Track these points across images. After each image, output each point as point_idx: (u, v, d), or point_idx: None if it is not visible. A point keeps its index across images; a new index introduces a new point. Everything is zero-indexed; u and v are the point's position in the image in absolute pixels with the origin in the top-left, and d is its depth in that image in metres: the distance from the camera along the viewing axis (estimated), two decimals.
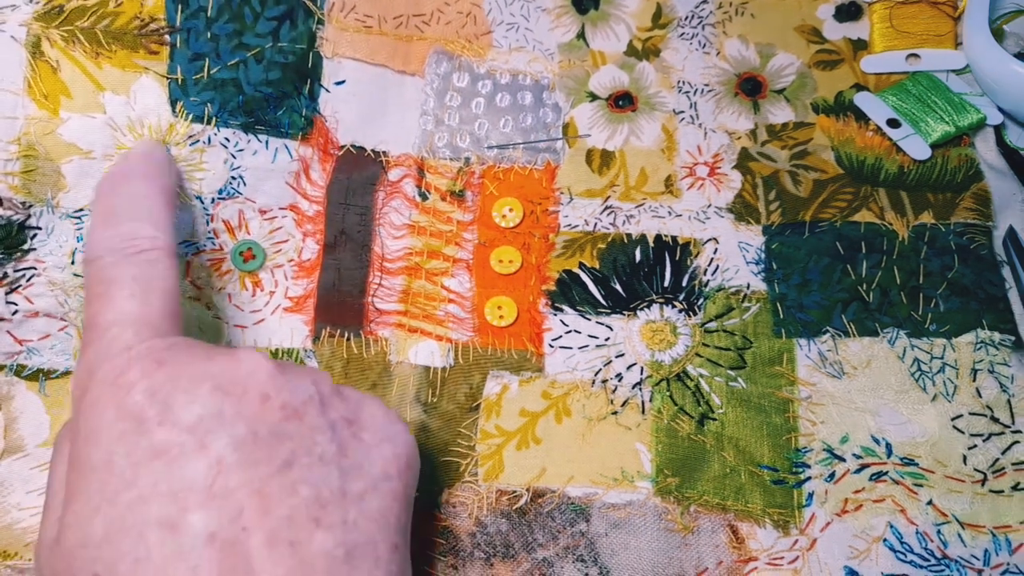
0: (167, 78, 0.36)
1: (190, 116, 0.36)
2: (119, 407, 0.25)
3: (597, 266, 0.39)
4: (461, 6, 0.43)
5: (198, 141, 0.37)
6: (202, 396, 0.25)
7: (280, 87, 0.38)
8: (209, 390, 0.26)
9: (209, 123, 0.37)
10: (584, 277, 0.39)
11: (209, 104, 0.37)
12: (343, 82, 0.40)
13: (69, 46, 0.35)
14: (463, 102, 0.42)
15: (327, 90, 0.40)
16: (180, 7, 0.37)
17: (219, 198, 0.37)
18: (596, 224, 0.40)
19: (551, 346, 0.38)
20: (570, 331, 0.38)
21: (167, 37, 0.36)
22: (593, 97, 0.43)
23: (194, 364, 0.26)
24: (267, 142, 0.38)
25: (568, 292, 0.39)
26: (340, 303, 0.38)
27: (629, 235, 0.40)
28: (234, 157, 0.37)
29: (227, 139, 0.37)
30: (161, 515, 0.24)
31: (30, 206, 0.35)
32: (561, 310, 0.38)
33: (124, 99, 0.35)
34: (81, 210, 0.35)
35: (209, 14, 0.37)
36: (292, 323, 0.38)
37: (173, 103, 0.36)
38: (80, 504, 0.25)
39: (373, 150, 0.40)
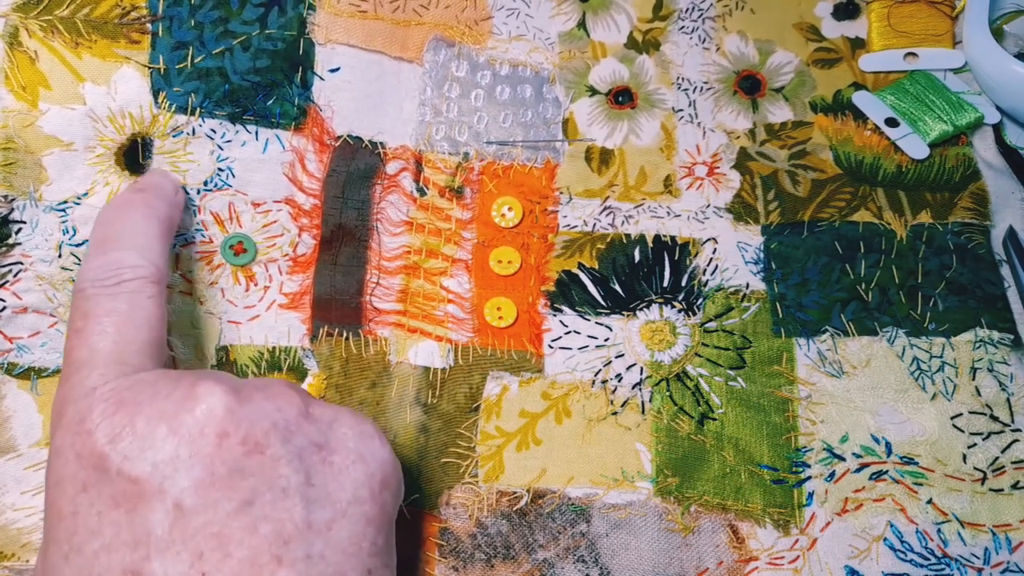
0: (149, 68, 0.35)
1: (173, 107, 0.36)
2: (79, 456, 0.26)
3: (596, 266, 0.39)
4: None
5: (182, 132, 0.36)
6: (158, 440, 0.25)
7: (269, 75, 0.37)
8: (165, 433, 0.25)
9: (193, 114, 0.36)
10: (583, 277, 0.39)
11: (193, 94, 0.36)
12: (338, 69, 0.39)
13: (48, 36, 0.34)
14: (462, 93, 0.41)
15: (321, 78, 0.39)
16: None
17: (205, 189, 0.37)
18: (595, 224, 0.40)
19: (551, 347, 0.37)
20: (569, 332, 0.38)
21: (149, 25, 0.35)
22: (593, 92, 0.42)
23: (152, 404, 0.26)
24: (256, 132, 0.37)
25: (567, 293, 0.38)
26: (338, 301, 0.38)
27: (628, 235, 0.39)
28: (221, 148, 0.37)
29: (213, 130, 0.36)
30: (124, 564, 0.24)
31: (12, 199, 0.34)
32: (560, 311, 0.38)
33: (105, 90, 0.35)
34: (65, 202, 0.35)
35: (193, 1, 0.36)
36: (289, 320, 0.37)
37: (155, 93, 0.36)
38: (53, 550, 0.26)
39: (370, 141, 0.39)
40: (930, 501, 0.34)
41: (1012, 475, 0.34)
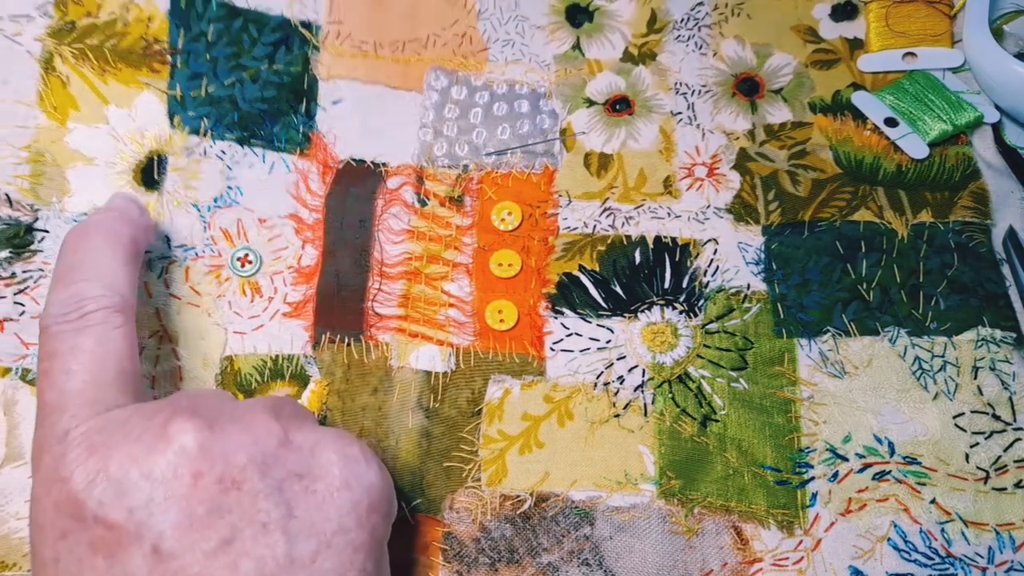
0: (166, 93, 0.39)
1: (187, 129, 0.39)
2: (56, 504, 0.25)
3: (597, 268, 0.39)
4: (457, 28, 0.44)
5: (194, 152, 0.38)
6: (132, 485, 0.25)
7: (275, 104, 0.40)
8: (138, 477, 0.25)
9: (205, 136, 0.39)
10: (584, 280, 0.39)
11: (205, 118, 0.39)
12: (340, 101, 0.41)
13: (79, 62, 0.38)
14: (461, 113, 0.42)
15: (324, 109, 0.41)
16: (182, 31, 0.39)
17: (215, 206, 0.38)
18: (595, 226, 0.40)
19: (552, 349, 0.37)
20: (571, 334, 0.38)
21: (169, 57, 0.39)
22: (590, 103, 0.43)
23: (124, 447, 0.26)
24: (263, 155, 0.40)
25: (568, 295, 0.39)
26: (340, 308, 0.38)
27: (628, 237, 0.39)
28: (230, 168, 0.39)
29: (223, 151, 0.39)
30: None
31: (37, 209, 0.36)
32: (562, 313, 0.38)
33: (127, 112, 0.38)
34: (84, 214, 0.37)
35: (209, 38, 0.40)
36: (292, 329, 0.38)
37: (171, 116, 0.39)
38: None
39: (372, 161, 0.41)
40: (933, 501, 0.34)
41: (1015, 474, 0.34)
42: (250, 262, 0.38)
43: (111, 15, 0.39)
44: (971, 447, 0.35)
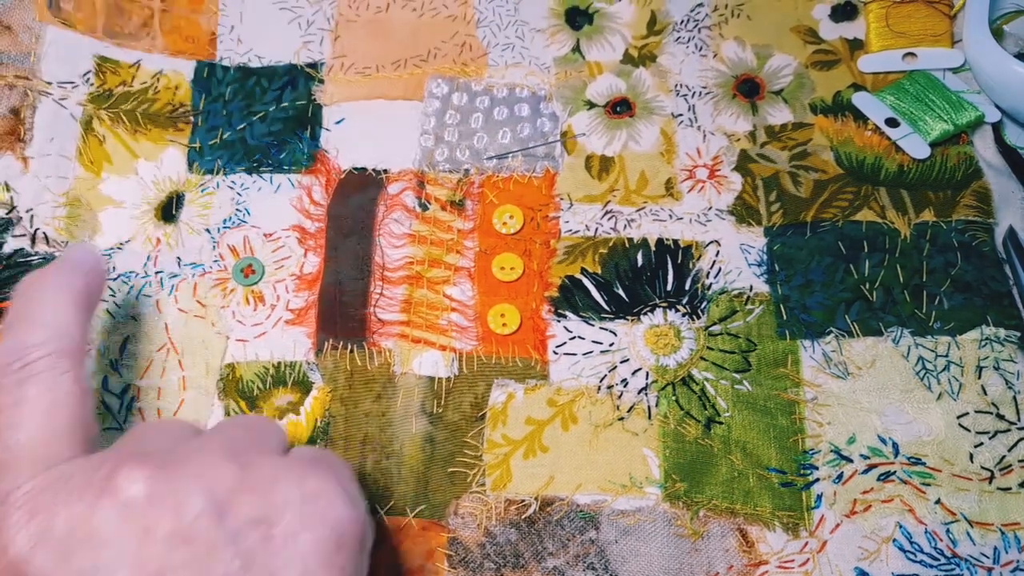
0: (188, 146, 0.42)
1: (203, 170, 0.42)
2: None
3: (599, 271, 0.39)
4: (457, 39, 0.44)
5: (207, 187, 0.42)
6: (77, 551, 0.24)
7: (281, 135, 0.43)
8: (83, 538, 0.24)
9: (218, 173, 0.42)
10: (586, 282, 0.39)
11: (219, 160, 0.42)
12: (342, 120, 0.43)
13: (114, 124, 0.42)
14: (462, 119, 0.43)
15: (327, 129, 0.42)
16: (204, 96, 0.43)
17: (224, 227, 0.41)
18: (597, 229, 0.40)
19: (555, 353, 0.37)
20: (574, 337, 0.38)
21: (192, 118, 0.43)
22: (591, 105, 0.43)
23: (68, 506, 0.24)
24: (271, 178, 0.42)
25: (571, 298, 0.38)
26: (342, 314, 0.38)
27: (631, 239, 0.39)
28: (240, 195, 0.41)
29: (234, 182, 0.42)
30: None
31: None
32: (564, 316, 0.38)
33: (154, 164, 0.42)
34: (110, 248, 0.40)
35: (226, 98, 0.44)
36: (294, 335, 0.38)
37: (190, 164, 0.42)
38: None
39: (374, 169, 0.41)
40: (938, 501, 0.34)
41: (1019, 473, 0.34)
42: (254, 271, 0.39)
43: (143, 84, 0.43)
44: (975, 447, 0.34)
